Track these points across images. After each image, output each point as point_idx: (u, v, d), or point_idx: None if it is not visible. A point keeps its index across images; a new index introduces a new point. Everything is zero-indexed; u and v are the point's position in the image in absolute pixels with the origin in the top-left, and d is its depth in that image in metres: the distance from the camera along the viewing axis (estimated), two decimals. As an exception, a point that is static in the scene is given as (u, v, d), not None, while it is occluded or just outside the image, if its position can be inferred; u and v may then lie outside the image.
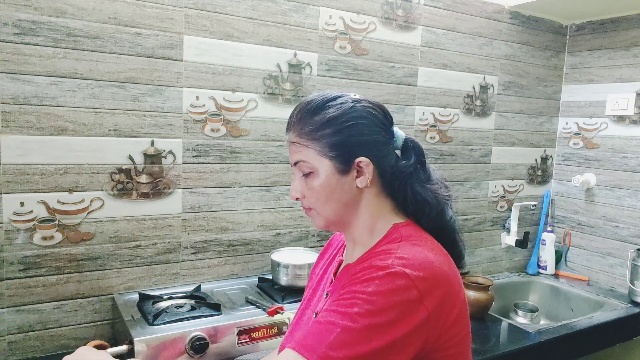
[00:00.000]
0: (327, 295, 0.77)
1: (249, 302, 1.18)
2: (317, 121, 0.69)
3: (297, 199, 0.74)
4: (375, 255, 0.66)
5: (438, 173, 0.78)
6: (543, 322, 1.71)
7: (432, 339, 0.61)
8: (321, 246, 1.47)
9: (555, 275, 1.89)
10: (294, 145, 0.71)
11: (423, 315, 0.59)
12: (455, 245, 0.74)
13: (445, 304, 0.62)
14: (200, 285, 1.26)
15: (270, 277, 1.31)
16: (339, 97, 0.71)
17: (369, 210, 0.72)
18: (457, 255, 0.73)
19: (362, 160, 0.69)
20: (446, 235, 0.73)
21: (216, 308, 1.11)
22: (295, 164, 0.72)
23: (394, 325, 0.58)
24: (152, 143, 1.20)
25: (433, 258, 0.64)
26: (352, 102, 0.71)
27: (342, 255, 0.82)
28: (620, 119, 1.76)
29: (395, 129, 0.75)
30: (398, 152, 0.74)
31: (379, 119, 0.72)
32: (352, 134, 0.69)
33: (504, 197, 1.87)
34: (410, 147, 0.74)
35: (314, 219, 0.75)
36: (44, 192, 1.09)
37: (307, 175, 0.71)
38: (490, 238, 1.86)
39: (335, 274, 0.80)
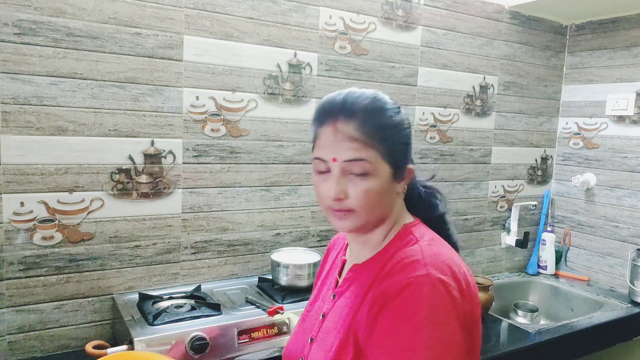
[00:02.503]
0: (334, 296, 0.75)
1: (249, 302, 1.18)
2: (385, 122, 0.67)
3: (340, 200, 0.67)
4: (399, 265, 0.64)
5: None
6: (543, 322, 1.71)
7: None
8: (321, 246, 1.47)
9: (555, 275, 1.89)
10: (354, 141, 0.65)
11: (464, 309, 0.62)
12: (452, 238, 0.76)
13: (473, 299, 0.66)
14: (200, 285, 1.26)
15: (270, 277, 1.31)
16: (390, 100, 0.70)
17: (393, 214, 0.72)
18: (455, 248, 0.75)
19: (411, 167, 0.71)
20: (445, 229, 0.76)
21: (216, 308, 1.11)
22: (349, 160, 0.65)
23: (457, 332, 0.61)
24: (152, 143, 1.20)
25: (454, 257, 0.67)
26: (400, 108, 0.71)
27: (344, 255, 0.81)
28: (620, 119, 1.76)
29: None
30: None
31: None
32: (407, 140, 0.70)
33: (504, 197, 1.87)
34: None
35: (350, 221, 0.68)
36: (44, 192, 1.09)
37: (360, 175, 0.65)
38: (490, 238, 1.86)
39: (340, 274, 0.78)
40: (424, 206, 0.76)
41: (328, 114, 0.67)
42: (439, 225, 0.75)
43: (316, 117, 0.69)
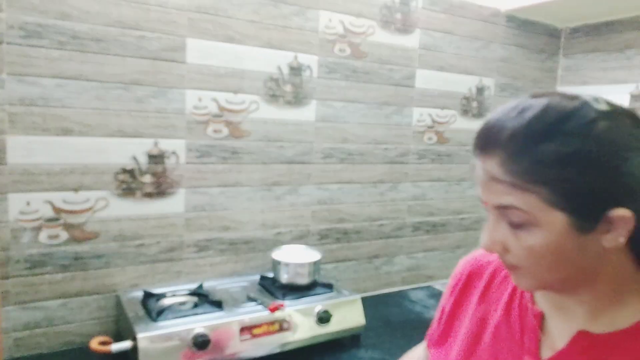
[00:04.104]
0: None
1: (251, 299, 1.20)
2: (547, 154, 0.45)
3: (494, 252, 0.51)
4: None
5: None
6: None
7: None
8: (321, 244, 1.50)
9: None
10: (499, 183, 0.48)
11: None
12: None
13: None
14: (202, 283, 1.28)
15: (271, 275, 1.33)
16: (579, 110, 0.46)
17: (612, 273, 0.50)
18: None
19: (621, 214, 0.45)
20: None
21: (218, 305, 1.14)
22: (498, 207, 0.49)
23: None
24: (156, 144, 1.22)
25: None
26: (603, 118, 0.45)
27: (534, 304, 0.58)
28: (614, 120, 1.79)
29: None
30: None
31: None
32: (608, 175, 0.45)
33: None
34: None
35: (520, 279, 0.52)
36: (50, 191, 1.11)
37: (518, 225, 0.48)
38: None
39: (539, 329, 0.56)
40: None
41: (476, 141, 0.51)
42: None
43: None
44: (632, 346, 0.49)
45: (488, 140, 0.49)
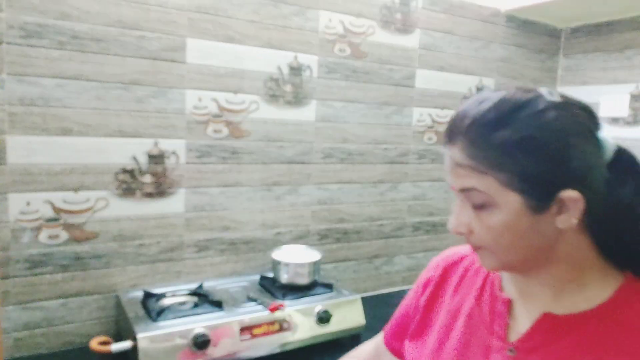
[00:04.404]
0: (513, 351, 0.56)
1: (251, 299, 1.20)
2: (502, 140, 0.50)
3: (461, 233, 0.56)
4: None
5: None
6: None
7: None
8: (321, 244, 1.50)
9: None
10: (462, 168, 0.53)
11: None
12: None
13: None
14: (202, 283, 1.28)
15: (271, 275, 1.33)
16: (532, 100, 0.51)
17: (569, 254, 0.54)
18: None
19: (570, 195, 0.50)
20: None
21: (218, 305, 1.14)
22: (462, 190, 0.54)
23: None
24: (156, 144, 1.22)
25: None
26: (553, 108, 0.50)
27: (501, 291, 0.62)
28: (614, 120, 1.79)
29: (603, 135, 0.53)
30: (606, 170, 0.52)
31: (591, 129, 0.51)
32: (556, 159, 0.49)
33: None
34: (626, 165, 0.53)
35: (485, 260, 0.57)
36: (50, 191, 1.11)
37: (480, 207, 0.53)
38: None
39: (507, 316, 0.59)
40: (636, 254, 0.53)
41: (444, 132, 0.56)
42: None
43: None
44: (592, 328, 0.52)
45: (452, 130, 0.54)
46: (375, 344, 0.86)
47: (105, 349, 1.02)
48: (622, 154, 0.53)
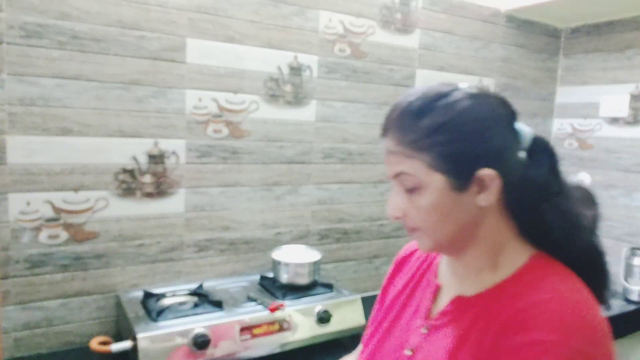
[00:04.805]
0: (426, 329, 0.64)
1: (251, 299, 1.20)
2: (425, 126, 0.56)
3: (397, 218, 0.61)
4: (526, 312, 0.52)
5: (577, 180, 0.63)
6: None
7: None
8: (321, 244, 1.50)
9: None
10: (394, 155, 0.59)
11: None
12: (597, 275, 0.59)
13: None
14: (202, 283, 1.28)
15: (271, 275, 1.33)
16: (451, 92, 0.58)
17: (491, 234, 0.59)
18: (600, 287, 0.59)
19: (486, 173, 0.56)
20: (585, 263, 0.58)
21: (218, 305, 1.13)
22: (395, 176, 0.60)
23: None
24: (156, 144, 1.22)
25: (595, 309, 0.54)
26: (469, 97, 0.57)
27: (435, 277, 0.69)
28: (614, 120, 1.79)
29: (520, 125, 0.60)
30: (523, 154, 0.59)
31: (504, 116, 0.58)
32: (472, 140, 0.56)
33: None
34: (541, 150, 0.60)
35: (420, 241, 0.63)
36: (50, 191, 1.11)
37: (411, 190, 0.58)
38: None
39: (433, 300, 0.66)
40: (551, 234, 0.58)
41: (380, 125, 0.63)
42: (578, 261, 0.58)
43: None
44: (487, 303, 0.57)
45: (386, 122, 0.61)
46: (356, 353, 0.87)
47: (105, 349, 1.02)
48: (538, 141, 0.60)
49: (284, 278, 1.27)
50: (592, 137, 1.86)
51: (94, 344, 1.04)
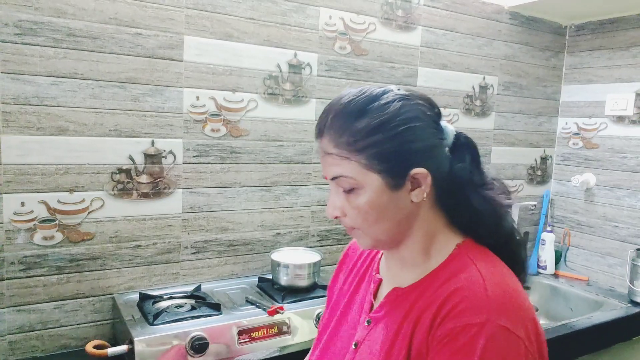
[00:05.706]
0: (369, 322, 0.66)
1: (249, 301, 1.18)
2: (359, 128, 0.58)
3: (336, 217, 0.63)
4: (454, 298, 0.55)
5: (493, 172, 0.67)
6: (542, 322, 1.71)
7: None
8: (321, 246, 1.48)
9: (555, 275, 1.89)
10: (330, 157, 0.60)
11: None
12: (517, 258, 0.64)
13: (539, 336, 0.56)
14: (200, 285, 1.26)
15: (270, 277, 1.31)
16: (383, 94, 0.60)
17: (423, 227, 0.63)
18: (520, 269, 0.63)
19: (419, 171, 0.59)
20: (508, 248, 0.64)
21: (216, 308, 1.12)
22: (332, 178, 0.61)
23: None
24: (153, 143, 1.20)
25: (519, 289, 0.58)
26: (400, 99, 0.59)
27: (376, 272, 0.72)
28: (620, 119, 1.77)
29: (444, 123, 0.64)
30: (447, 150, 0.63)
31: (431, 116, 0.61)
32: (404, 140, 0.58)
33: (504, 197, 1.87)
34: (463, 145, 0.64)
35: (359, 239, 0.65)
36: (45, 192, 1.09)
37: (348, 191, 0.60)
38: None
39: (375, 295, 0.69)
40: (476, 221, 0.62)
41: (315, 127, 0.63)
42: (501, 245, 0.63)
43: None
44: (417, 293, 0.61)
45: (320, 124, 0.61)
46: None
47: (101, 353, 1.00)
48: (460, 137, 0.64)
49: (283, 280, 1.25)
50: (597, 136, 1.83)
51: (90, 347, 1.02)
